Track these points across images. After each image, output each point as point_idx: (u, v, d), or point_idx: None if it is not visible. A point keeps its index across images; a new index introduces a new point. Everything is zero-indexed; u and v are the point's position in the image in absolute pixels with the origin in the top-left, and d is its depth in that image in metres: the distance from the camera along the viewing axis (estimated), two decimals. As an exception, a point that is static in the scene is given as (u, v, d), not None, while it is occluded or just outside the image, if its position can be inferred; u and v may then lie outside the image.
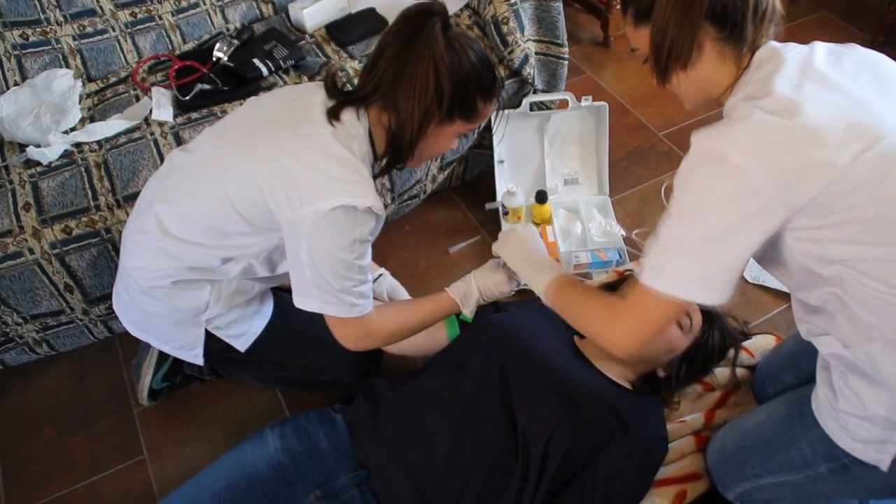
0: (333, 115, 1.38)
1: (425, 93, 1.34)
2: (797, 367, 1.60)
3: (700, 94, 1.24)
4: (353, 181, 1.32)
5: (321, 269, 1.34)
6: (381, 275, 1.89)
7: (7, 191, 1.78)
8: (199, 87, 2.00)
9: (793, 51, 1.16)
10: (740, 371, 1.73)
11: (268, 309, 1.68)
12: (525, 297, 1.92)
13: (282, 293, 1.71)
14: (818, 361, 1.32)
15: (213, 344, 1.60)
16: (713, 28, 1.14)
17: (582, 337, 1.71)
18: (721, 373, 1.73)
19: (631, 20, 1.22)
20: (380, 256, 2.22)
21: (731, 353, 1.71)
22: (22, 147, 1.89)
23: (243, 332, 1.61)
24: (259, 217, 1.37)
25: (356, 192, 1.30)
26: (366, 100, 1.41)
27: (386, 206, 2.11)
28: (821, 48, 1.18)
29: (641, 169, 2.45)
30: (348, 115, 1.39)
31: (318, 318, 1.45)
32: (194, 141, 1.55)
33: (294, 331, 1.68)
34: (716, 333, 1.66)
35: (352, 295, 1.39)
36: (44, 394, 2.01)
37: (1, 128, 1.91)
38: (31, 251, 1.74)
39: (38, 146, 1.87)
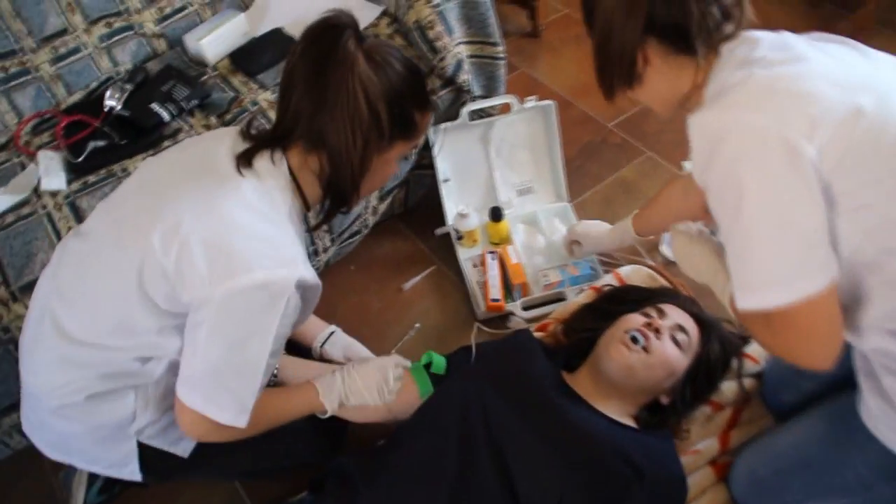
0: (245, 162, 1.16)
1: (359, 122, 1.13)
2: (815, 369, 1.43)
3: (663, 105, 1.16)
4: (275, 248, 1.11)
5: (219, 360, 1.12)
6: (332, 333, 1.65)
7: None
8: (91, 144, 1.73)
9: (764, 33, 1.08)
10: (747, 382, 1.56)
11: (207, 404, 1.43)
12: (499, 329, 1.72)
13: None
14: (857, 366, 1.16)
15: (149, 455, 1.35)
16: (660, 44, 1.06)
17: (570, 371, 1.52)
18: (728, 388, 1.55)
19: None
20: (327, 305, 1.96)
21: (735, 363, 1.54)
22: None
23: (182, 436, 1.35)
24: (178, 307, 1.13)
25: (280, 260, 1.10)
26: (282, 141, 1.19)
27: (325, 250, 1.88)
28: (784, 33, 1.10)
29: (597, 166, 2.26)
30: (262, 162, 1.17)
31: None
32: (87, 221, 1.29)
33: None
34: (715, 344, 1.49)
35: (248, 398, 1.17)
36: (-38, 522, 1.72)
37: None
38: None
39: None
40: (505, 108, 2.01)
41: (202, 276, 1.08)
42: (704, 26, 1.03)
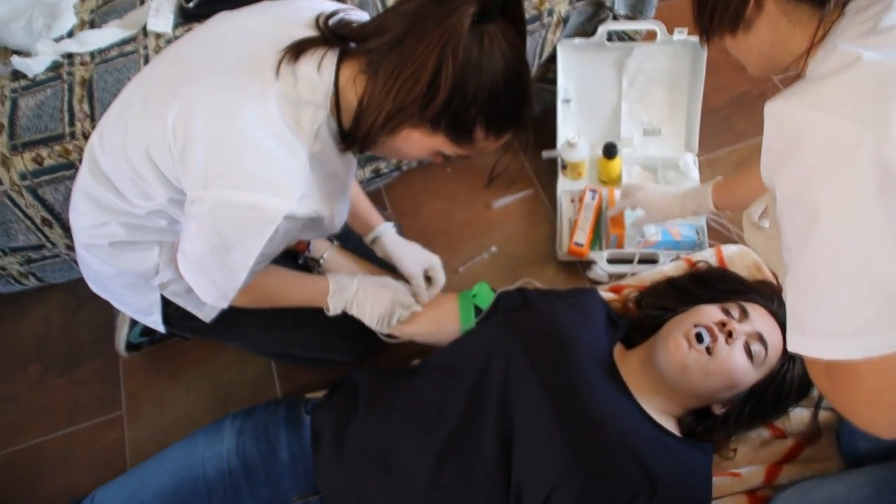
0: (292, 56, 1.04)
1: (412, 80, 0.98)
2: (904, 421, 1.21)
3: (762, 61, 0.94)
4: (275, 174, 1.01)
5: (203, 255, 1.08)
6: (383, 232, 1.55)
7: (-18, 107, 1.56)
8: (206, -10, 1.68)
9: None
10: (824, 415, 1.34)
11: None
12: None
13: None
14: None
15: (172, 311, 1.37)
16: None
17: (627, 348, 1.36)
18: (798, 416, 1.35)
19: None
20: (410, 203, 1.91)
21: (815, 391, 1.33)
22: (17, 55, 1.65)
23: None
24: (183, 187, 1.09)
25: (276, 189, 1.01)
26: (349, 42, 1.06)
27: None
28: None
29: (745, 122, 1.96)
30: (308, 64, 1.04)
31: None
32: (150, 63, 1.25)
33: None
34: (797, 365, 1.27)
35: (230, 290, 1.14)
36: (35, 326, 1.87)
37: (-7, 32, 1.68)
38: (0, 182, 1.53)
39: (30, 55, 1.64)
40: (650, 36, 1.75)
41: (199, 173, 1.02)
42: None
